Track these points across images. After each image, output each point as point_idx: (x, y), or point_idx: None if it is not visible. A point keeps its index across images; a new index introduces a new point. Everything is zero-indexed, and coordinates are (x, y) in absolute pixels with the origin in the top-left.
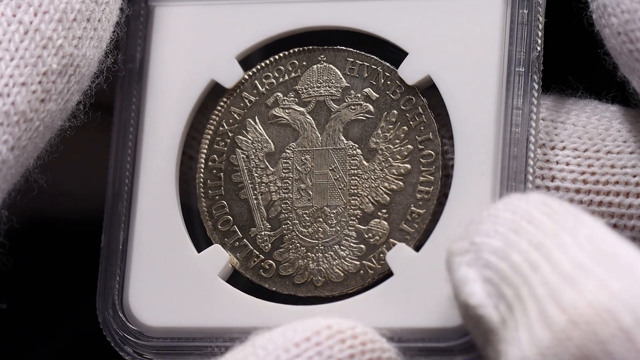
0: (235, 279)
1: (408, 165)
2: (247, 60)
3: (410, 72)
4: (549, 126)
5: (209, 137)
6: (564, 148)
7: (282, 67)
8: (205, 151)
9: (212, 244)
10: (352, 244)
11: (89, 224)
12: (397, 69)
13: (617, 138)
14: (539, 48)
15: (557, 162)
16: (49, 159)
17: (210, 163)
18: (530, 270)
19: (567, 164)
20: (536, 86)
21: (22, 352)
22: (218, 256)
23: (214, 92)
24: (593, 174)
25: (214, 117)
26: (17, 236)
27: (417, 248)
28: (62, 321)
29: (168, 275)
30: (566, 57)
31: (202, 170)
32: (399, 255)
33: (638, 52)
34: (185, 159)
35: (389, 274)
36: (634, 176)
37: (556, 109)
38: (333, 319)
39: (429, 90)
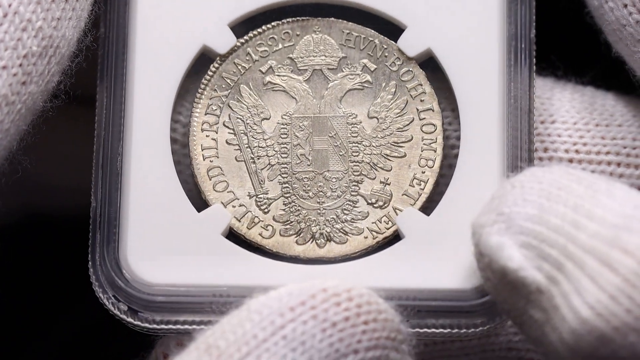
0: (234, 240)
1: (409, 134)
2: (238, 29)
3: (409, 44)
4: (535, 102)
5: (200, 101)
6: (553, 122)
7: (275, 36)
8: (197, 115)
9: (207, 204)
10: (354, 208)
11: (83, 218)
12: (392, 41)
13: (603, 112)
14: (534, 25)
15: (549, 135)
16: (32, 140)
17: (204, 127)
18: (573, 229)
19: (559, 135)
20: (534, 60)
21: (21, 348)
22: (220, 215)
23: (202, 60)
24: (585, 144)
25: (204, 82)
26: (13, 232)
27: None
28: (60, 314)
29: (168, 234)
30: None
31: (195, 134)
32: (409, 218)
33: None
34: (177, 124)
35: (392, 238)
36: (624, 147)
37: (539, 86)
38: (330, 281)
39: (425, 61)
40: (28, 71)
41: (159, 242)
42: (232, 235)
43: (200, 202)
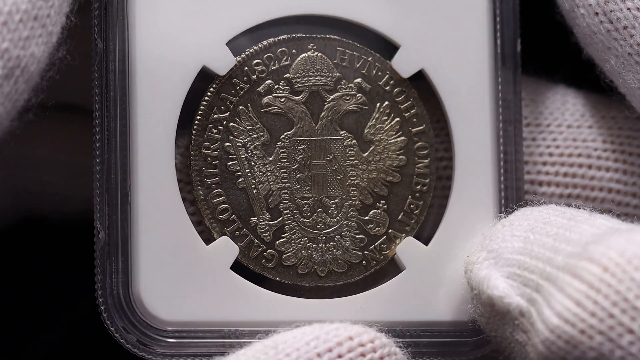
0: (237, 268)
1: (403, 157)
2: (234, 46)
3: (403, 65)
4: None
5: (201, 124)
6: (527, 125)
7: (272, 54)
8: (199, 139)
9: (211, 232)
10: (353, 235)
11: (77, 223)
12: (385, 60)
13: (575, 112)
14: (519, 41)
15: (524, 139)
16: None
17: (204, 150)
18: (552, 254)
19: (533, 139)
20: (520, 78)
21: (15, 348)
22: (227, 249)
23: (199, 79)
24: (557, 147)
25: (204, 103)
26: (9, 235)
27: (418, 239)
28: (58, 315)
29: (178, 269)
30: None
31: (197, 157)
32: (409, 249)
33: (616, 32)
34: (178, 147)
35: (390, 264)
36: (595, 149)
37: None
38: (353, 328)
39: (417, 82)
40: None
41: (170, 277)
42: (236, 263)
43: (204, 229)
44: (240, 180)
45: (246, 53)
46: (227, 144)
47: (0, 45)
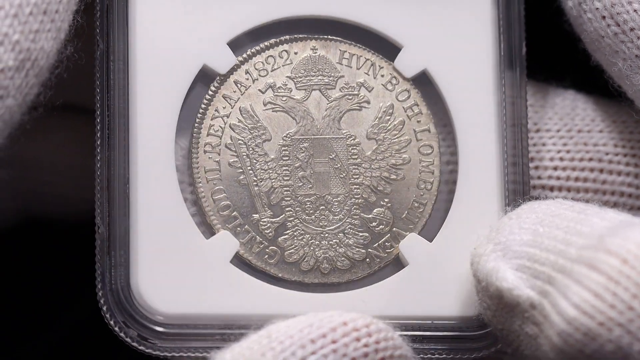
0: (239, 264)
1: (407, 156)
2: (236, 43)
3: (406, 65)
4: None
5: (202, 122)
6: (538, 130)
7: (273, 54)
8: (200, 137)
9: (212, 228)
10: (357, 232)
11: (78, 224)
12: (388, 61)
13: (585, 117)
14: (525, 43)
15: (534, 145)
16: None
17: (206, 148)
18: (564, 246)
19: (544, 144)
20: (525, 77)
21: (20, 344)
22: (227, 242)
23: (199, 78)
24: (568, 151)
25: (205, 101)
26: (11, 236)
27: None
28: (59, 314)
29: (178, 263)
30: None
31: (198, 155)
32: (412, 245)
33: (624, 34)
34: (179, 145)
35: (394, 262)
36: (607, 154)
37: None
38: (348, 314)
39: (421, 82)
40: (5, 86)
41: (169, 270)
42: (237, 259)
43: (205, 226)
44: (242, 177)
45: (247, 53)
46: (228, 141)
47: (11, 37)
